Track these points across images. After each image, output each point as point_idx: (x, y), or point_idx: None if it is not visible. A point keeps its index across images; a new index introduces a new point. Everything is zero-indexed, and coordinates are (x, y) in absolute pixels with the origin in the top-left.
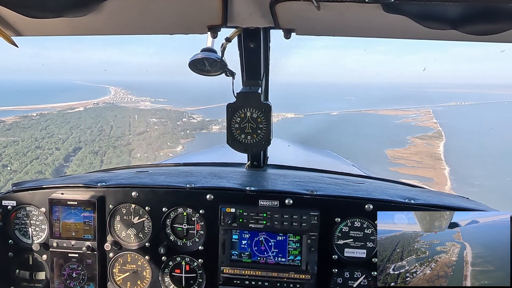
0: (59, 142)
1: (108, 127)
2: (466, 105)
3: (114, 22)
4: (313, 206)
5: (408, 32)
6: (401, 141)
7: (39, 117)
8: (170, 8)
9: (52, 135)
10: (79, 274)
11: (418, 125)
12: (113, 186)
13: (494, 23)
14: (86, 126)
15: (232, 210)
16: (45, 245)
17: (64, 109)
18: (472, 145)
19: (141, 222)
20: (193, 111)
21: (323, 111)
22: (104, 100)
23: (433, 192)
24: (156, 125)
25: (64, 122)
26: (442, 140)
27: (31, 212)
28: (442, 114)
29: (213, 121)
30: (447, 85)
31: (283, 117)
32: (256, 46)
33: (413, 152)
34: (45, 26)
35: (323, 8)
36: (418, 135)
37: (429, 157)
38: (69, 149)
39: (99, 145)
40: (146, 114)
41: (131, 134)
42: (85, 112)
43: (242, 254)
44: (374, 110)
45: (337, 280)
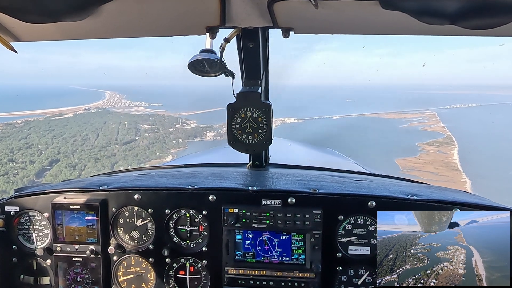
0: (36, 154)
1: (94, 136)
2: (471, 107)
3: (112, 25)
4: (316, 205)
5: (406, 28)
6: (411, 149)
7: (23, 125)
8: (168, 10)
9: (30, 146)
10: (83, 278)
11: (426, 129)
12: (115, 189)
13: (492, 17)
14: (70, 135)
15: (235, 211)
16: (49, 249)
17: (53, 115)
18: (490, 152)
19: (144, 224)
20: (187, 116)
21: (324, 116)
22: (97, 105)
23: (435, 188)
24: (146, 132)
25: (48, 130)
26: (455, 147)
27: (34, 217)
28: (448, 117)
29: (208, 127)
30: (446, 86)
31: (282, 122)
32: (255, 45)
33: (426, 162)
34: (44, 31)
35: (321, 7)
36: (428, 141)
37: (445, 167)
38: (45, 162)
39: (79, 157)
40: (138, 120)
41: (118, 143)
42: (73, 118)
43: (246, 254)
44: (377, 113)
45: (341, 278)
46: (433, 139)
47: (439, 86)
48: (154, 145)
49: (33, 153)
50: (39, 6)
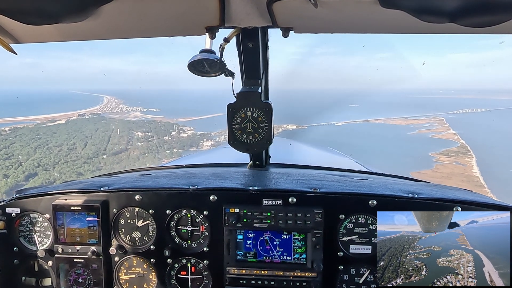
0: (13, 166)
1: (82, 145)
2: (479, 112)
3: (111, 26)
4: (316, 204)
5: (406, 27)
6: (425, 160)
7: (10, 132)
8: (168, 10)
9: (10, 157)
10: (85, 279)
11: (436, 137)
12: (116, 190)
13: (492, 14)
14: (57, 144)
15: (236, 210)
16: (50, 251)
17: (44, 121)
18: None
19: (145, 225)
20: (185, 122)
21: (328, 122)
22: (92, 110)
23: (436, 186)
24: (139, 141)
25: (34, 139)
26: (472, 157)
27: (35, 218)
28: (458, 123)
29: (205, 135)
30: (448, 91)
31: (284, 129)
32: (255, 45)
33: (444, 175)
34: (44, 33)
35: (320, 6)
36: (441, 151)
37: (466, 182)
38: (20, 176)
39: (60, 170)
40: (132, 127)
41: (107, 153)
42: (64, 125)
43: (247, 254)
44: (382, 119)
45: (343, 277)
46: (447, 148)
47: (442, 90)
48: (146, 155)
49: (10, 165)
50: (39, 8)
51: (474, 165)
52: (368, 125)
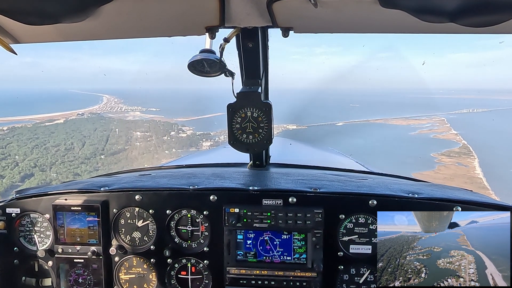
0: (10, 166)
1: (79, 145)
2: (480, 112)
3: (111, 26)
4: (317, 204)
5: (406, 27)
6: (427, 160)
7: (8, 132)
8: (168, 10)
9: (6, 157)
10: (85, 279)
11: (438, 137)
12: (116, 190)
13: (492, 14)
14: (54, 144)
15: (236, 210)
16: (50, 251)
17: (42, 121)
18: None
19: (145, 225)
20: (184, 122)
21: (328, 122)
22: (91, 110)
23: (436, 186)
24: (137, 141)
25: (32, 139)
26: (475, 158)
27: (36, 219)
28: (459, 123)
29: (204, 135)
30: (449, 90)
31: (284, 129)
32: (255, 45)
33: (446, 176)
34: (43, 33)
35: (320, 6)
36: (443, 151)
37: (469, 183)
38: (16, 177)
39: (57, 171)
40: (131, 126)
41: (104, 153)
42: (63, 125)
43: (247, 254)
44: (383, 119)
45: (343, 276)
46: (448, 149)
47: (442, 90)
48: (144, 155)
49: (6, 165)
50: (38, 8)
51: (477, 166)
52: (368, 125)
